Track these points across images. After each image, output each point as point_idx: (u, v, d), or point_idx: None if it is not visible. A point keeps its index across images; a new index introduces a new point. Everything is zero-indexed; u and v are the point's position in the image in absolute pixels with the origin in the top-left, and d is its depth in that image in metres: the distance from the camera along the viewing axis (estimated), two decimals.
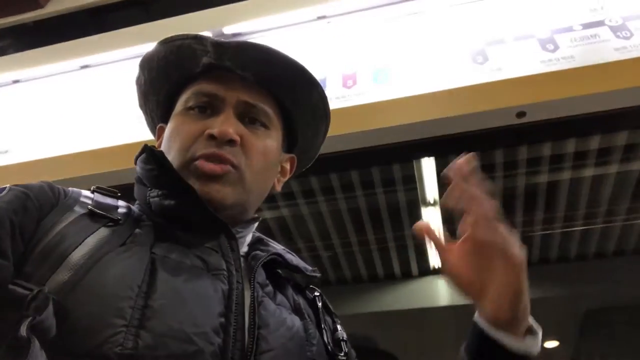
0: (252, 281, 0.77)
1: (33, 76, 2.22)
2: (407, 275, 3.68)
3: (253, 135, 0.83)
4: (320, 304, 0.89)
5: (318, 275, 0.91)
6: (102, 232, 0.71)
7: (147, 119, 0.99)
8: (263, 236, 0.93)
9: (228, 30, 1.95)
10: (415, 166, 2.04)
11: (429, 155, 1.85)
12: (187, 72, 0.87)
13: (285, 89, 0.88)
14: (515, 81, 1.48)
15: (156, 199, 0.79)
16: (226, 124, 0.79)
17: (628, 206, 2.64)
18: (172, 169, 0.79)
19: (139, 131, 1.63)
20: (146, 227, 0.76)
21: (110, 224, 0.73)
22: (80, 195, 0.77)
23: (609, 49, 1.45)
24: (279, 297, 0.82)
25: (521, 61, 1.52)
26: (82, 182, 1.61)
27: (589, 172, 2.24)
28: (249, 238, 0.87)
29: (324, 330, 0.85)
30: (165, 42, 0.87)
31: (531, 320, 0.71)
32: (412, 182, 2.25)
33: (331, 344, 0.83)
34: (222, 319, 0.67)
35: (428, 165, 2.02)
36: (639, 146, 1.98)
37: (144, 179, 0.82)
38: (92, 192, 0.79)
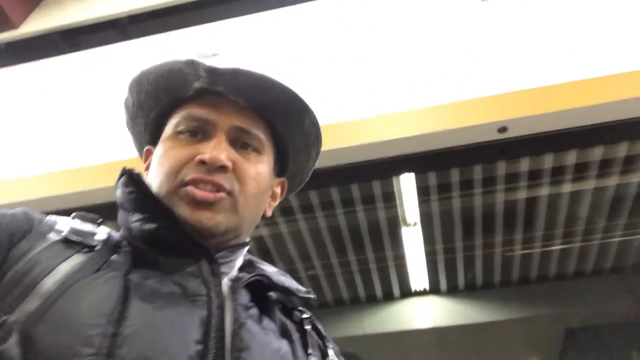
0: (233, 302, 0.73)
1: (5, 96, 2.17)
2: (388, 297, 3.65)
3: (245, 160, 0.80)
4: (309, 327, 0.86)
5: (312, 296, 0.87)
6: (76, 259, 0.68)
7: (134, 141, 0.95)
8: (255, 259, 0.89)
9: (208, 50, 1.94)
10: (394, 183, 2.03)
11: (409, 171, 1.84)
12: (177, 95, 0.84)
13: (277, 115, 0.85)
14: (496, 97, 1.49)
15: (137, 223, 0.76)
16: (218, 150, 0.76)
17: (606, 224, 2.67)
18: (150, 192, 0.76)
19: (115, 151, 1.59)
20: (124, 253, 0.74)
21: (85, 250, 0.70)
22: (56, 222, 0.74)
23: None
24: (265, 321, 0.78)
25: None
26: (58, 201, 1.58)
27: (568, 188, 2.26)
28: (239, 262, 0.84)
29: (309, 356, 0.80)
30: (156, 66, 0.84)
31: None
32: (392, 200, 2.24)
33: None
34: (200, 346, 0.64)
35: (408, 182, 2.01)
36: (617, 161, 2.01)
37: (125, 202, 0.79)
38: (73, 218, 0.76)
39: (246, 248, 0.85)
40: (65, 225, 0.74)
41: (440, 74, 1.64)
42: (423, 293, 3.66)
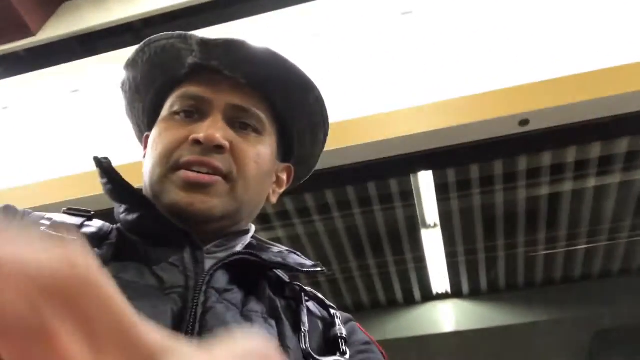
0: (200, 286, 0.68)
1: (23, 102, 2.20)
2: (409, 302, 3.60)
3: (244, 141, 0.75)
4: (305, 300, 0.79)
5: (321, 269, 0.80)
6: None
7: (134, 128, 0.91)
8: (263, 241, 0.84)
9: None
10: (412, 181, 1.98)
11: (426, 169, 1.79)
12: (173, 74, 0.80)
13: (278, 92, 0.80)
14: (517, 89, 1.44)
15: (123, 214, 0.73)
16: (213, 128, 0.72)
17: (635, 221, 2.58)
18: (122, 180, 0.73)
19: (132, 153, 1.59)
20: (107, 245, 0.70)
21: None
22: (42, 218, 0.71)
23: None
24: (252, 303, 0.72)
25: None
26: (78, 204, 1.58)
27: (593, 182, 2.19)
28: (238, 248, 0.78)
29: (301, 333, 0.73)
30: (149, 43, 0.79)
31: None
32: (411, 199, 2.20)
33: (309, 346, 0.71)
34: None
35: (426, 180, 1.97)
36: None
37: (106, 194, 0.76)
38: (63, 212, 0.74)
39: (247, 236, 0.80)
40: (49, 220, 0.71)
41: (456, 66, 1.60)
42: (445, 296, 3.60)
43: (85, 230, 0.71)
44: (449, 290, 3.52)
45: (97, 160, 0.75)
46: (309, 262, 0.80)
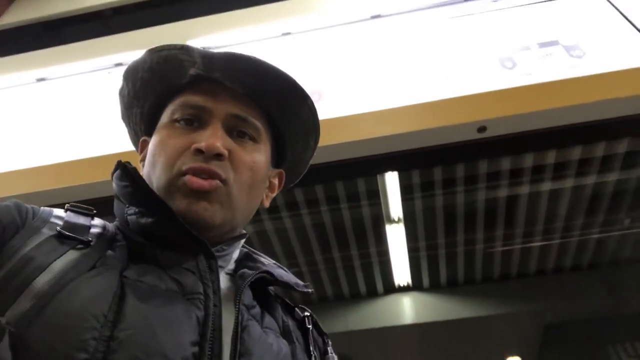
0: (237, 303, 0.72)
1: None
2: (372, 294, 3.68)
3: (242, 149, 0.80)
4: (310, 325, 0.85)
5: (310, 290, 0.87)
6: (70, 256, 0.66)
7: (129, 132, 0.94)
8: (252, 251, 0.88)
9: (193, 43, 1.94)
10: (379, 180, 2.05)
11: (392, 170, 1.86)
12: (173, 83, 0.84)
13: (274, 102, 0.85)
14: (476, 97, 1.51)
15: (133, 216, 0.75)
16: (213, 138, 0.76)
17: (584, 221, 2.72)
18: (146, 186, 0.75)
19: (102, 145, 1.59)
20: (120, 247, 0.72)
21: (79, 246, 0.68)
22: (50, 215, 0.72)
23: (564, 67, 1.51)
24: (267, 319, 0.77)
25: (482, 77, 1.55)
26: (45, 196, 1.57)
27: (547, 186, 2.30)
28: (236, 255, 0.83)
29: (313, 356, 0.80)
30: (151, 52, 0.83)
31: None
32: (376, 197, 2.26)
33: None
34: (196, 348, 0.63)
35: (392, 180, 2.03)
36: (595, 160, 2.05)
37: (120, 195, 0.78)
38: (66, 210, 0.75)
39: (242, 240, 0.85)
40: (59, 218, 0.72)
41: (421, 72, 1.66)
42: (406, 289, 3.70)
43: (93, 231, 0.73)
44: (410, 284, 3.62)
45: (121, 164, 0.77)
46: (300, 282, 0.87)
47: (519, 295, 3.50)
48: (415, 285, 3.61)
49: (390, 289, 3.63)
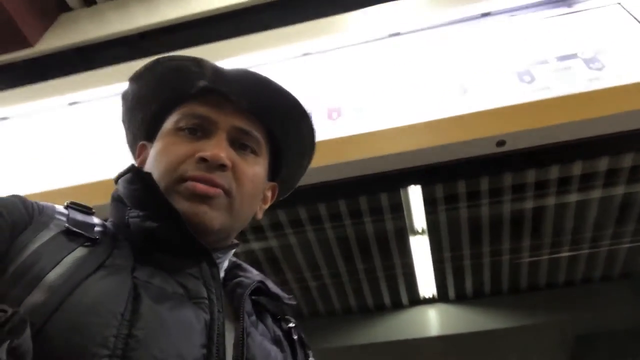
0: (242, 311, 0.75)
1: (22, 113, 2.24)
2: (397, 305, 3.67)
3: (244, 161, 0.82)
4: (295, 337, 0.88)
5: (294, 303, 0.90)
6: (79, 252, 0.67)
7: (127, 135, 0.96)
8: (240, 261, 0.91)
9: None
10: (402, 194, 2.07)
11: (414, 184, 1.88)
12: (180, 92, 0.86)
13: (277, 119, 0.88)
14: (495, 111, 1.53)
15: (136, 219, 0.76)
16: (218, 148, 0.78)
17: (613, 231, 2.68)
18: (160, 191, 0.76)
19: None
20: (124, 247, 0.73)
21: (87, 243, 0.70)
22: (55, 211, 0.73)
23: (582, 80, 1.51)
24: (261, 326, 0.80)
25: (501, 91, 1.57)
26: None
27: (572, 198, 2.28)
28: (226, 264, 0.85)
29: None
30: (162, 62, 0.85)
31: None
32: (400, 211, 2.28)
33: None
34: (204, 350, 0.65)
35: (415, 193, 2.05)
36: (620, 171, 2.04)
37: (126, 198, 0.79)
38: (66, 207, 0.76)
39: (233, 250, 0.87)
40: (62, 214, 0.73)
41: (440, 88, 1.68)
42: (431, 301, 3.68)
43: (97, 229, 0.75)
44: (436, 295, 3.60)
45: (135, 168, 0.79)
46: (285, 294, 0.90)
47: (548, 306, 3.44)
48: (441, 297, 3.60)
49: (415, 300, 3.62)
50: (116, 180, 0.82)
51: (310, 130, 0.91)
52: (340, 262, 2.98)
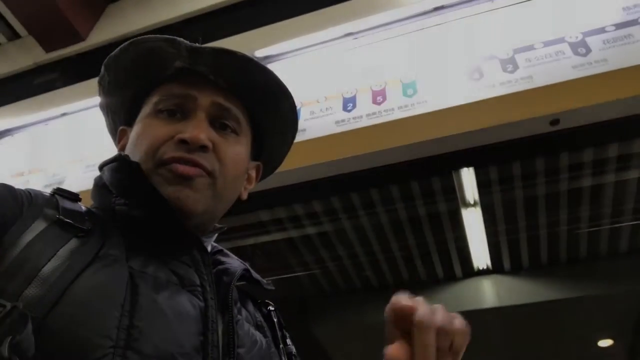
0: (230, 299, 0.75)
1: (80, 108, 2.34)
2: (450, 278, 3.65)
3: (224, 141, 0.81)
4: (275, 319, 0.88)
5: (272, 288, 0.90)
6: (73, 244, 0.66)
7: (107, 121, 0.94)
8: (221, 247, 0.90)
9: (260, 53, 2.01)
10: (454, 177, 2.04)
11: (466, 166, 1.84)
12: (156, 74, 0.84)
13: (257, 98, 0.87)
14: (547, 89, 1.46)
15: (123, 207, 0.75)
16: (198, 129, 0.77)
17: None
18: (147, 180, 0.75)
19: None
20: (115, 236, 0.72)
21: (80, 234, 0.68)
22: (44, 200, 0.72)
23: None
24: (244, 312, 0.80)
25: (552, 68, 1.50)
26: None
27: (633, 174, 2.18)
28: (209, 249, 0.85)
29: (281, 347, 0.84)
30: (135, 44, 0.82)
31: None
32: (453, 192, 2.26)
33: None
34: (201, 338, 0.66)
35: (467, 174, 2.02)
36: None
37: (111, 185, 0.78)
38: (53, 194, 0.74)
39: (217, 234, 0.87)
40: (53, 203, 0.72)
41: (488, 66, 1.62)
42: (486, 272, 3.63)
43: (87, 217, 0.73)
44: (490, 266, 3.55)
45: (122, 157, 0.77)
46: (263, 279, 0.89)
47: (610, 276, 3.33)
48: (496, 268, 3.54)
49: (469, 272, 3.59)
50: (101, 167, 0.81)
51: (291, 108, 0.90)
52: (392, 238, 2.99)
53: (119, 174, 0.77)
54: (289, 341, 0.88)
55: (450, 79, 1.64)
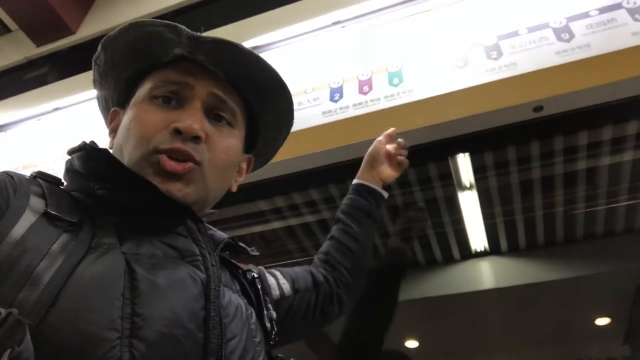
0: (213, 265, 0.75)
1: (72, 102, 2.34)
2: (448, 260, 3.67)
3: (218, 133, 0.81)
4: (259, 286, 0.90)
5: (257, 254, 0.92)
6: (64, 238, 0.65)
7: (99, 101, 0.94)
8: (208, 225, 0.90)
9: (248, 44, 2.01)
10: (451, 163, 2.05)
11: (463, 152, 1.84)
12: (154, 59, 0.83)
13: (254, 90, 0.87)
14: (530, 75, 1.46)
15: (103, 191, 0.74)
16: (193, 119, 0.77)
17: None
18: (121, 163, 0.75)
19: None
20: (104, 222, 0.71)
21: (70, 227, 0.67)
22: (29, 188, 0.69)
23: (626, 34, 1.41)
24: (223, 277, 0.80)
25: (536, 54, 1.49)
26: None
27: (627, 156, 2.18)
28: None
29: (265, 311, 0.86)
30: (135, 26, 0.81)
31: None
32: (449, 178, 2.27)
33: (269, 324, 0.85)
34: (203, 312, 0.67)
35: (463, 162, 2.02)
36: None
37: (84, 172, 0.77)
38: (34, 178, 0.73)
39: (207, 219, 0.87)
40: (38, 191, 0.70)
41: (472, 55, 1.62)
42: (483, 254, 3.65)
43: (75, 206, 0.72)
44: (487, 248, 3.57)
45: (88, 145, 0.78)
46: (247, 247, 0.91)
47: (606, 255, 3.34)
48: (493, 250, 3.56)
49: (467, 255, 3.60)
50: (69, 153, 0.81)
51: (287, 103, 0.90)
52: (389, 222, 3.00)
53: (91, 162, 0.77)
54: (270, 306, 0.89)
55: (435, 67, 1.64)
